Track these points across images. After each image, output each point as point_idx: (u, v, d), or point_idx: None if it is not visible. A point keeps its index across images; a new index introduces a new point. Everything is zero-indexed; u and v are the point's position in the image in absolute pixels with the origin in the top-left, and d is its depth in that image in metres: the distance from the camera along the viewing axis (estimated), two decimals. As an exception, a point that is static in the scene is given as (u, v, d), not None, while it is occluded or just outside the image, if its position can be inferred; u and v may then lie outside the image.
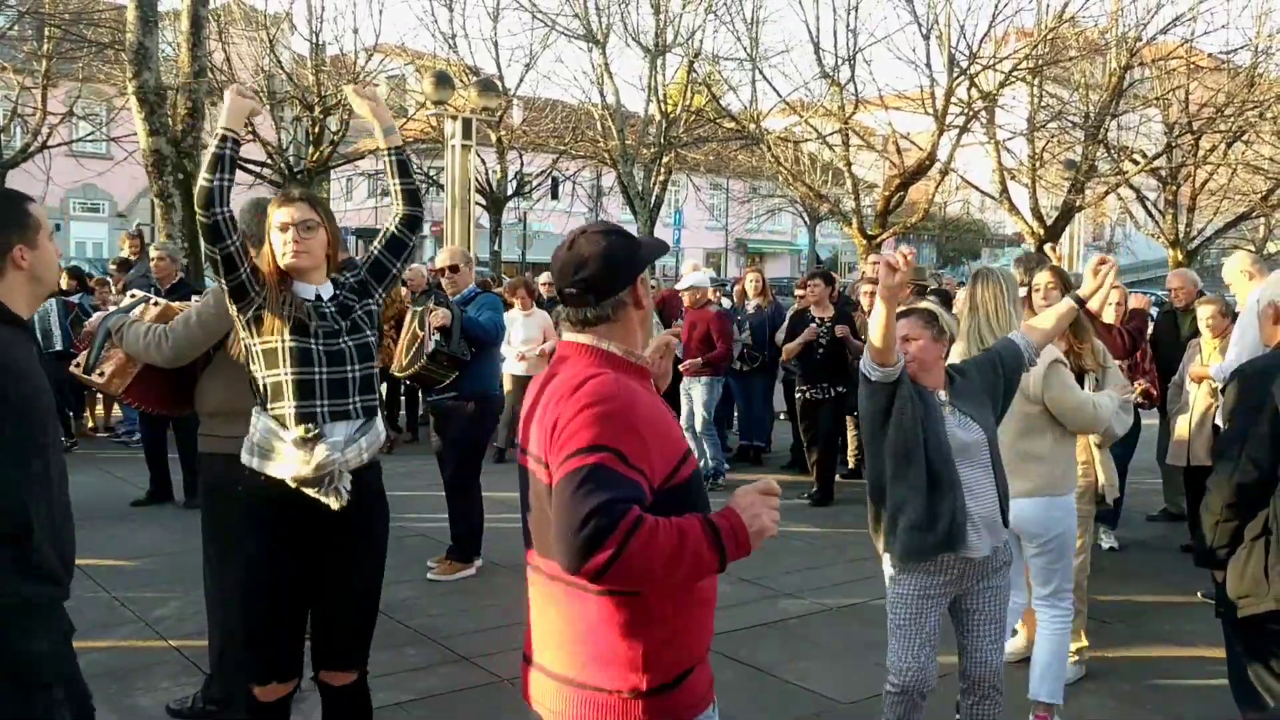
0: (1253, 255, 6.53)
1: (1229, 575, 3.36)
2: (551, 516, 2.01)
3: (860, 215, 17.61)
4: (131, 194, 28.87)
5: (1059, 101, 18.44)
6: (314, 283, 3.29)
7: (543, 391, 2.20)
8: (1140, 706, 4.61)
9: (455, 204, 12.83)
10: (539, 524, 2.18)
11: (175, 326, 4.05)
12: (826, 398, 8.60)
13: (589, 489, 1.95)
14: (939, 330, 3.58)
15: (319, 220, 3.28)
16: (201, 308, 4.09)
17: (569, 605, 2.14)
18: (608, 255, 2.17)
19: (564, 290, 2.20)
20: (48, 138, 17.73)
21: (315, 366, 3.19)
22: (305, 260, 3.24)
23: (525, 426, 2.23)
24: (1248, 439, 3.26)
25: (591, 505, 1.93)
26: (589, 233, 2.23)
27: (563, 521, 1.95)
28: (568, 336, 2.24)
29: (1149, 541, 7.53)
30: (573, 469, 1.98)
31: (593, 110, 24.09)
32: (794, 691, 4.72)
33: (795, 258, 47.60)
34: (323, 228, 3.29)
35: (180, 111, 11.78)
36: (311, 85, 17.88)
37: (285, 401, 3.17)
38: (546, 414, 2.12)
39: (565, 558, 1.95)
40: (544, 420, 2.12)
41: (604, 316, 2.19)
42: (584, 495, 1.94)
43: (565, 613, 2.16)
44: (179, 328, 4.04)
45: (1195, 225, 19.77)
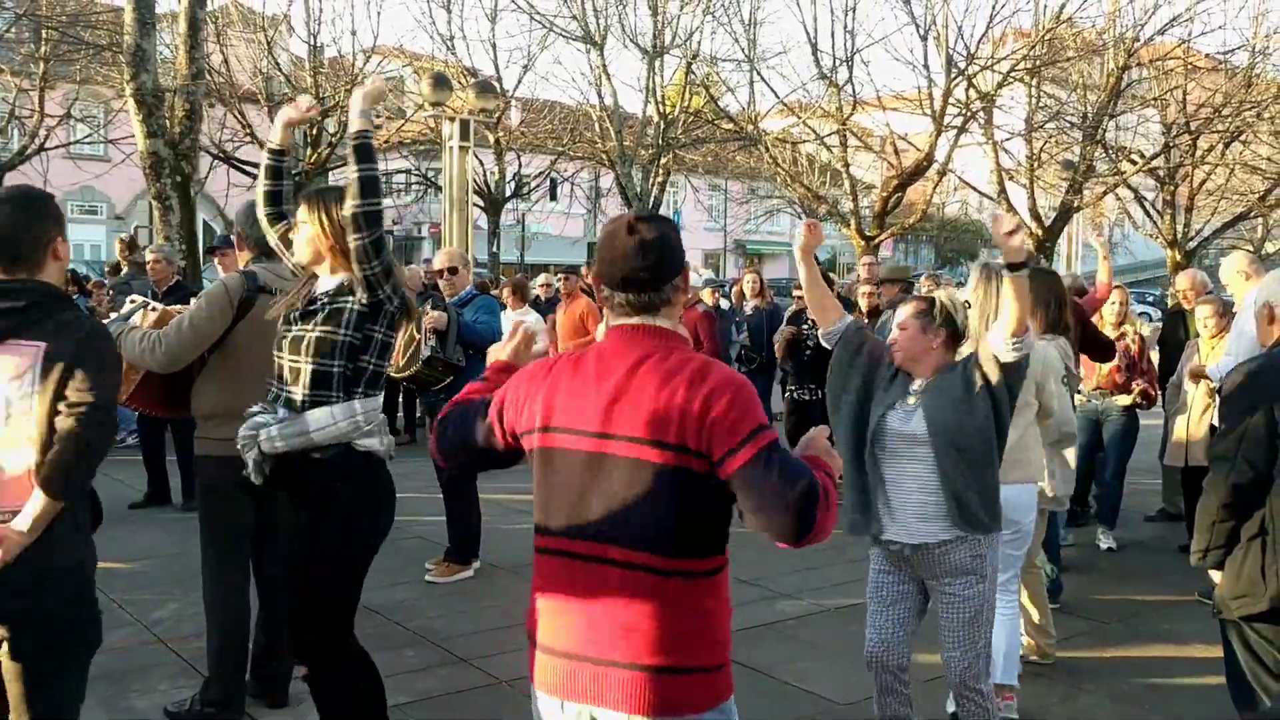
0: (1250, 255, 6.54)
1: (1225, 575, 3.37)
2: (749, 492, 2.10)
3: (858, 216, 17.62)
4: (129, 196, 28.85)
5: (1057, 102, 18.45)
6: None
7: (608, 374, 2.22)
8: (1138, 706, 4.61)
9: (453, 205, 12.84)
10: (634, 509, 2.16)
11: (168, 332, 4.05)
12: (814, 398, 8.61)
13: (784, 464, 2.11)
14: (929, 320, 3.62)
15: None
16: (194, 311, 4.10)
17: (657, 592, 2.16)
18: (667, 242, 2.26)
19: (630, 277, 2.24)
20: (45, 140, 17.71)
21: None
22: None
23: (598, 407, 2.20)
24: (1244, 439, 3.26)
25: (799, 479, 2.09)
26: (645, 221, 2.27)
27: (777, 496, 2.08)
28: (624, 321, 2.28)
29: (1147, 542, 7.54)
30: (760, 448, 2.10)
31: (591, 111, 24.10)
32: (792, 692, 4.72)
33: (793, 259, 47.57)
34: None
35: (178, 114, 11.77)
36: (310, 87, 17.88)
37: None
38: (663, 395, 2.15)
39: (785, 529, 2.09)
40: (659, 403, 2.14)
41: (666, 300, 2.27)
42: (786, 472, 2.10)
43: (651, 600, 2.16)
44: (171, 333, 4.05)
45: (1193, 225, 19.79)
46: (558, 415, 2.24)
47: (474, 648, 5.15)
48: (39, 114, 17.59)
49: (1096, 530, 7.36)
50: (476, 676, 4.82)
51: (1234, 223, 20.59)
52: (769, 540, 2.14)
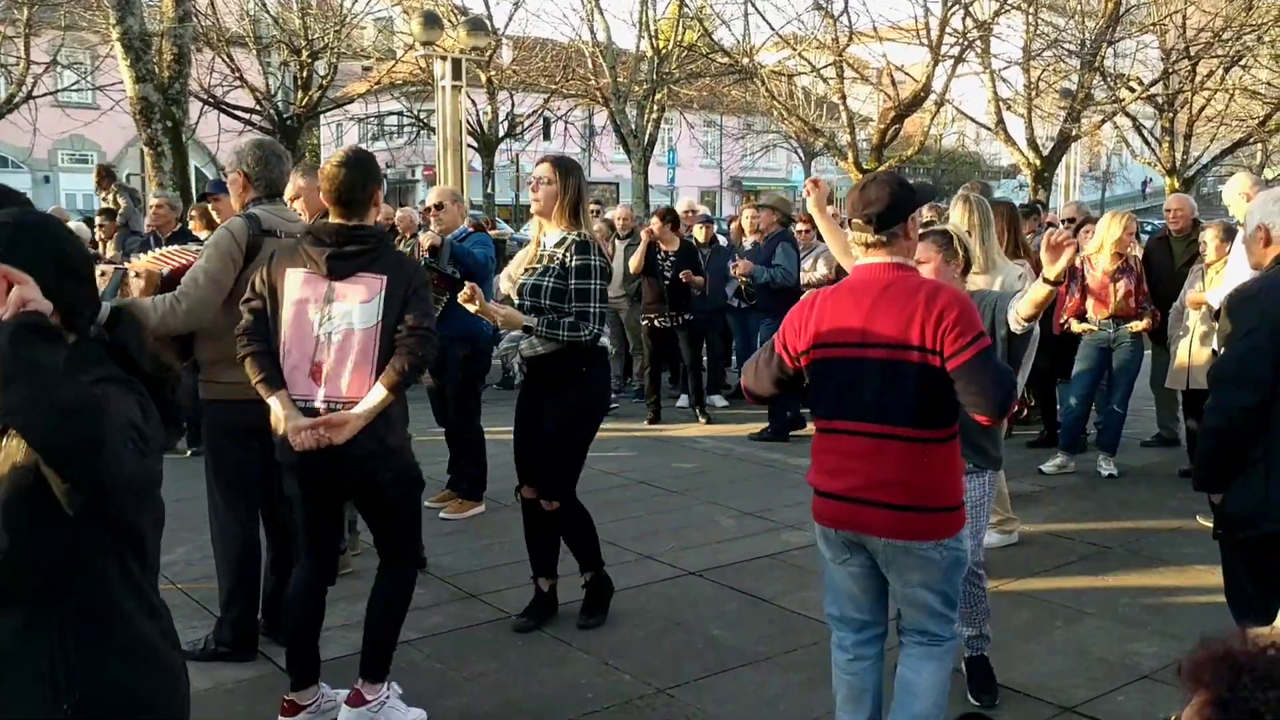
0: (1253, 177, 6.50)
1: (1228, 498, 3.39)
2: (970, 382, 2.84)
3: (855, 149, 17.48)
4: (120, 144, 28.62)
5: (1054, 29, 18.16)
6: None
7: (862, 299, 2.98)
8: (1140, 629, 4.67)
9: (447, 146, 12.72)
10: (892, 395, 2.93)
11: (185, 290, 4.01)
12: (674, 325, 9.16)
13: (995, 361, 2.92)
14: (951, 252, 3.75)
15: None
16: (206, 264, 4.05)
17: (915, 454, 2.95)
18: (896, 194, 2.99)
19: (853, 220, 3.01)
20: (33, 88, 17.49)
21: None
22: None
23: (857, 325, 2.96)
24: (1245, 362, 3.26)
25: (1005, 371, 2.94)
26: (880, 181, 3.07)
27: (992, 383, 2.84)
28: (869, 260, 3.03)
29: (1146, 467, 7.59)
30: (981, 349, 2.85)
31: (583, 48, 23.81)
32: (796, 620, 4.78)
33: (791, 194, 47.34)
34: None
35: (166, 57, 11.62)
36: (298, 29, 17.64)
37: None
38: (906, 311, 2.89)
39: (994, 407, 2.86)
40: (903, 317, 2.89)
41: (897, 237, 3.00)
42: (997, 366, 2.90)
43: (909, 460, 2.95)
44: (190, 290, 4.00)
45: (1192, 153, 19.63)
46: (826, 334, 3.02)
47: (481, 583, 5.21)
48: (25, 61, 17.35)
49: (1098, 457, 7.41)
50: (485, 611, 4.87)
51: (1233, 149, 20.39)
52: (972, 414, 2.89)
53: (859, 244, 3.05)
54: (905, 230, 3.02)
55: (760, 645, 4.50)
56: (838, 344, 3.00)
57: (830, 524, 3.11)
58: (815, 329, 3.05)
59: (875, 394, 2.95)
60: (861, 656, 3.25)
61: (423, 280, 3.60)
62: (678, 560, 5.59)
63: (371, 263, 3.51)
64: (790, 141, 33.82)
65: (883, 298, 2.95)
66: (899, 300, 2.92)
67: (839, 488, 3.05)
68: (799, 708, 3.96)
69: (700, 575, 5.37)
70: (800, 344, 3.09)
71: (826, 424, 3.10)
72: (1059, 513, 6.42)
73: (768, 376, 3.22)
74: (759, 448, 8.29)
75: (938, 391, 2.90)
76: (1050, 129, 18.61)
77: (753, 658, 4.38)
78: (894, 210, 2.97)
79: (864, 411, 2.98)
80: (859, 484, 3.00)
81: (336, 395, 3.50)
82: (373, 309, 3.47)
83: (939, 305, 2.86)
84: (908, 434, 2.93)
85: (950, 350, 2.83)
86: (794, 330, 3.12)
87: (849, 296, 3.03)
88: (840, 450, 3.06)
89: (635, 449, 8.16)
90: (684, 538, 5.98)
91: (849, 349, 2.98)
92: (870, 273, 3.03)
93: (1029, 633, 4.60)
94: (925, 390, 2.91)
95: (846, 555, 3.14)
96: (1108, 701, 3.97)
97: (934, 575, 3.05)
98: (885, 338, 2.91)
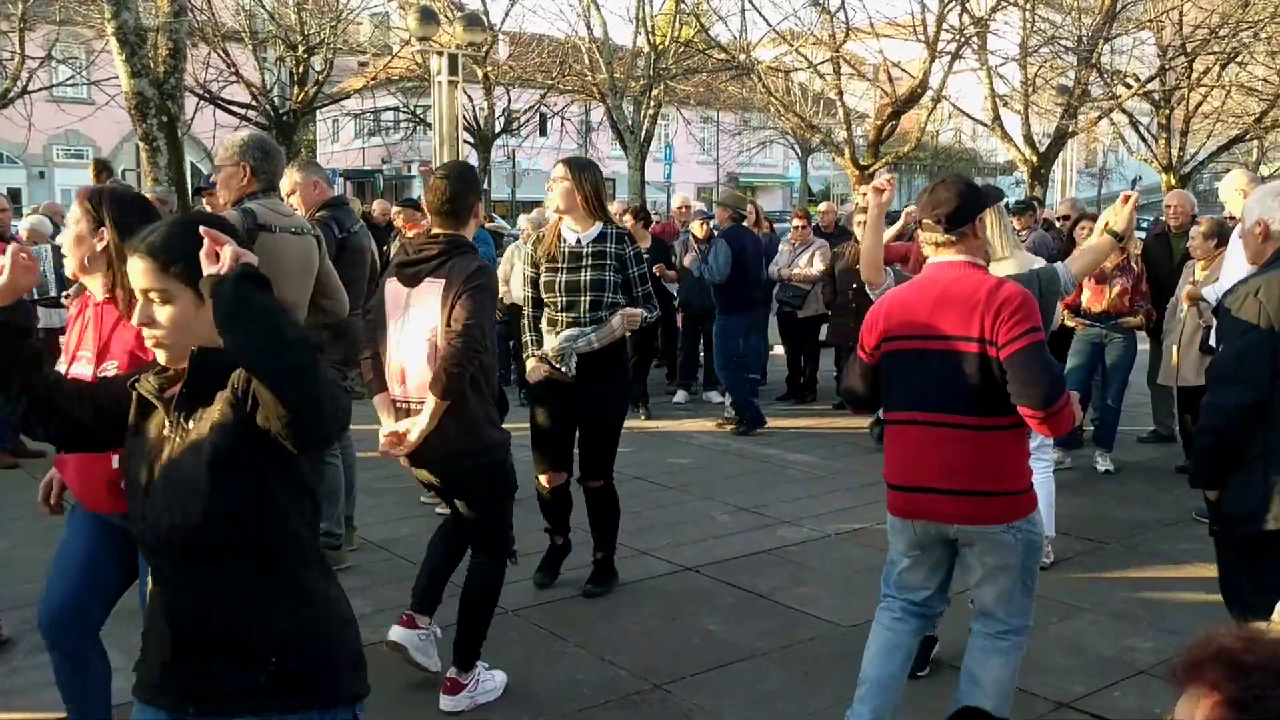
0: (1249, 173, 6.49)
1: (1225, 496, 3.38)
2: (1020, 370, 2.99)
3: (852, 145, 17.46)
4: (115, 139, 28.52)
5: (1051, 25, 18.16)
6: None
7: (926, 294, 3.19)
8: (1136, 624, 4.68)
9: (443, 142, 12.69)
10: (954, 386, 3.10)
11: None
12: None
13: (1047, 355, 3.05)
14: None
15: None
16: None
17: (979, 442, 3.10)
18: (963, 196, 3.19)
19: (924, 221, 3.22)
20: (28, 83, 17.44)
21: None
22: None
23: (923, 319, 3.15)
24: (1243, 359, 3.26)
25: (1054, 366, 3.09)
26: (949, 183, 3.27)
27: (1041, 375, 2.99)
28: (937, 259, 3.23)
29: (1142, 463, 7.60)
30: (1032, 342, 3.01)
31: (580, 44, 23.77)
32: (794, 616, 4.78)
33: (787, 190, 47.30)
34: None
35: (162, 52, 11.56)
36: (294, 24, 17.61)
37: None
38: (969, 305, 3.07)
39: (1043, 399, 2.98)
40: (967, 309, 3.07)
41: (965, 236, 3.19)
42: (1046, 360, 3.04)
43: (973, 448, 3.10)
44: None
45: (1188, 149, 19.64)
46: (895, 328, 3.21)
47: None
48: (20, 56, 17.30)
49: (1094, 453, 7.41)
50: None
51: (1229, 146, 20.40)
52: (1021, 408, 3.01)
53: (929, 244, 3.24)
54: (974, 230, 3.21)
55: (757, 641, 4.50)
56: (904, 337, 3.19)
57: (903, 515, 3.27)
58: (884, 325, 3.24)
59: (939, 385, 3.12)
60: (906, 619, 3.37)
61: (474, 283, 3.67)
62: (674, 556, 5.58)
63: (436, 269, 3.73)
64: (787, 138, 33.79)
65: (948, 293, 3.14)
66: (963, 295, 3.11)
67: (908, 479, 3.22)
68: (796, 703, 3.96)
69: (696, 571, 5.37)
70: (871, 339, 3.28)
71: (895, 415, 3.28)
72: (1055, 508, 6.41)
73: (856, 374, 3.40)
74: (754, 443, 8.29)
75: (999, 382, 3.06)
76: (1047, 125, 18.60)
77: (749, 653, 4.38)
78: (963, 211, 3.17)
79: (929, 402, 3.14)
80: (928, 473, 3.16)
81: (411, 396, 3.77)
82: (435, 313, 3.70)
83: (1000, 298, 3.05)
84: (972, 422, 3.09)
85: (1004, 339, 3.01)
86: (867, 327, 3.32)
87: (917, 293, 3.23)
88: (909, 440, 3.22)
89: (630, 444, 8.14)
90: (680, 533, 5.98)
91: (915, 342, 3.17)
92: (939, 270, 3.22)
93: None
94: (986, 380, 3.07)
95: (917, 551, 3.29)
96: (1104, 697, 3.98)
97: (1009, 558, 3.19)
98: (948, 331, 3.10)
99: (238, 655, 1.97)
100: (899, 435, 3.26)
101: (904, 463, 3.24)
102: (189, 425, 1.98)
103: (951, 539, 3.22)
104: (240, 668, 1.97)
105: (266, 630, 1.98)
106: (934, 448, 3.14)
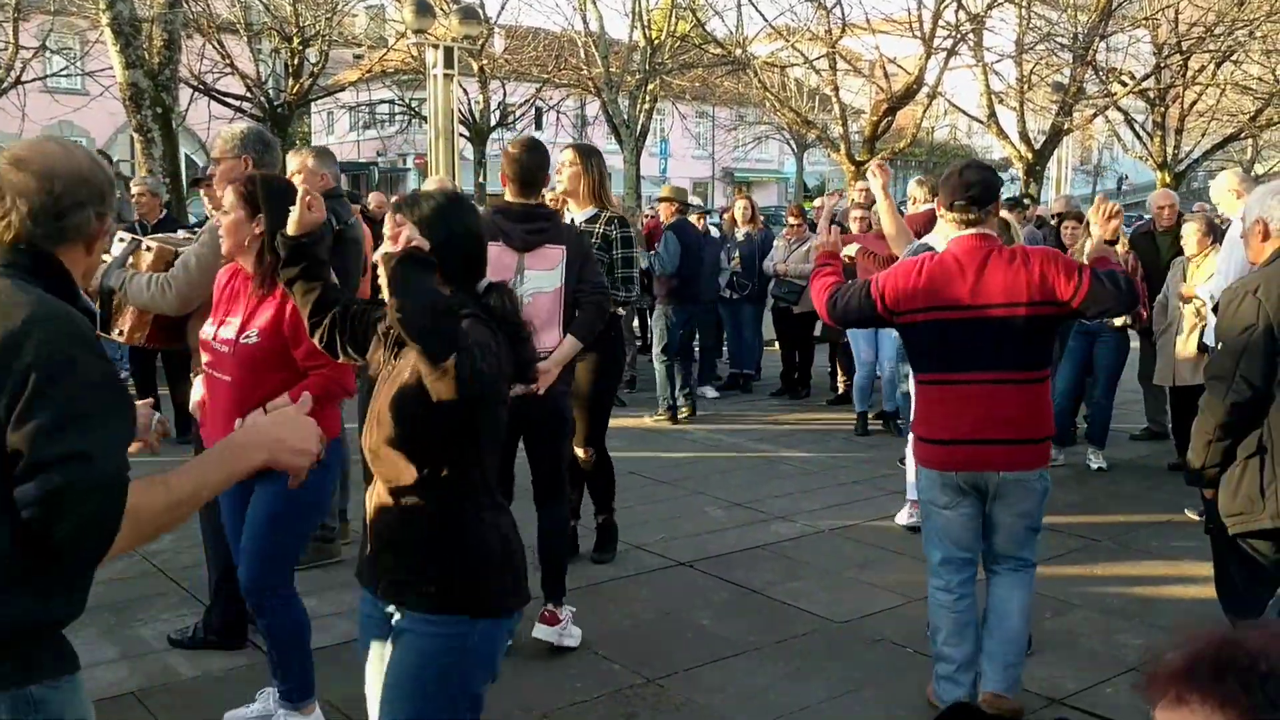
0: (1240, 174, 6.49)
1: (1221, 493, 3.39)
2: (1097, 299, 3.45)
3: (848, 141, 17.45)
4: (109, 130, 28.42)
5: (1047, 23, 18.16)
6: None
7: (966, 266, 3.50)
8: (1129, 620, 4.69)
9: (439, 135, 12.66)
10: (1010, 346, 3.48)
11: (175, 274, 4.04)
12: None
13: (1098, 272, 3.47)
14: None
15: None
16: (199, 251, 4.05)
17: (1024, 394, 3.53)
18: (990, 180, 3.60)
19: (956, 202, 3.54)
20: (21, 73, 17.36)
21: None
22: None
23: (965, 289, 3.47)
24: (1241, 357, 3.26)
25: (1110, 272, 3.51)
26: (973, 166, 3.68)
27: (1111, 287, 3.44)
28: (966, 232, 3.55)
29: (1135, 461, 7.62)
30: (1089, 274, 3.44)
31: (575, 37, 23.71)
32: (787, 611, 4.79)
33: (782, 186, 47.26)
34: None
35: (156, 43, 11.54)
36: (289, 16, 17.54)
37: None
38: (1009, 275, 3.46)
39: (1122, 303, 3.55)
40: (1008, 279, 3.45)
41: (989, 214, 3.59)
42: (1103, 275, 3.46)
43: (1021, 399, 3.52)
44: (179, 274, 4.03)
45: (1183, 147, 19.66)
46: (941, 300, 3.50)
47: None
48: (13, 46, 17.21)
49: (1086, 450, 7.43)
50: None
51: (1224, 144, 20.44)
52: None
53: (959, 222, 3.56)
54: (995, 208, 3.66)
55: (750, 635, 4.51)
56: (953, 307, 3.50)
57: (952, 467, 3.59)
58: (927, 297, 3.52)
59: (992, 346, 3.48)
60: (965, 595, 3.71)
61: (591, 248, 4.46)
62: (667, 550, 5.59)
63: (552, 237, 4.21)
64: (782, 133, 33.72)
65: (986, 266, 3.49)
66: (1000, 267, 3.48)
67: (959, 432, 3.55)
68: (788, 697, 3.97)
69: (690, 566, 5.38)
70: (904, 305, 3.56)
71: (942, 377, 3.60)
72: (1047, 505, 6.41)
73: (855, 308, 3.70)
74: (748, 438, 8.30)
75: (1041, 338, 3.55)
76: (1042, 122, 18.62)
77: (742, 648, 4.38)
78: (989, 191, 3.57)
79: (982, 362, 3.49)
80: (980, 425, 3.51)
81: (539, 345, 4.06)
82: (555, 275, 4.18)
83: (1036, 265, 3.46)
84: (1021, 377, 3.51)
85: (1069, 292, 3.43)
86: (897, 290, 3.58)
87: (954, 266, 3.52)
88: (958, 398, 3.55)
89: (624, 439, 8.15)
90: (673, 528, 5.98)
91: (963, 310, 3.48)
92: (969, 243, 3.54)
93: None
94: (1033, 338, 3.51)
95: (960, 499, 3.64)
96: (1096, 693, 3.99)
97: (1034, 503, 3.65)
98: (996, 299, 3.46)
99: (413, 562, 2.39)
100: (950, 394, 3.57)
101: (956, 418, 3.55)
102: (396, 361, 2.43)
103: (986, 488, 3.59)
104: (414, 573, 2.38)
105: (429, 543, 2.38)
106: (986, 402, 3.50)
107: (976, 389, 3.51)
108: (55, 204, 1.88)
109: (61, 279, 1.90)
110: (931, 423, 3.64)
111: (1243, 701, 0.98)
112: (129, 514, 1.72)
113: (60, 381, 1.70)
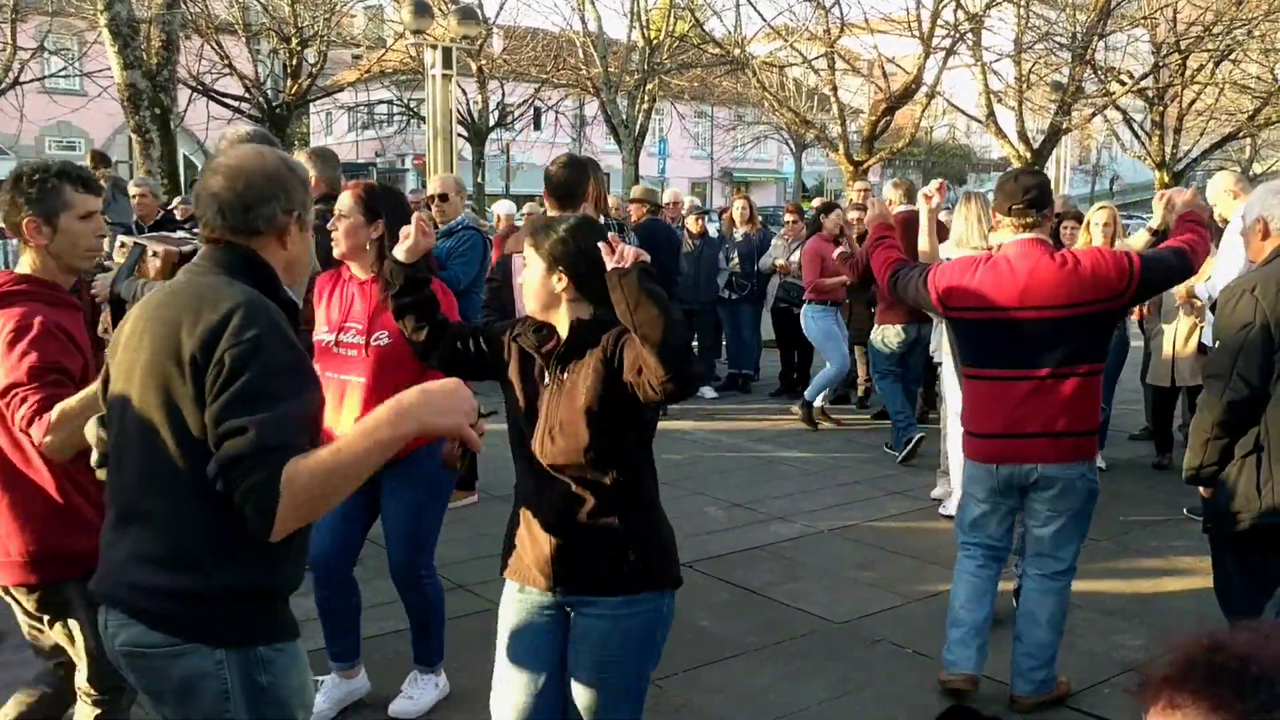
0: (1236, 174, 6.50)
1: (1219, 491, 3.39)
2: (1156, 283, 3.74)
3: (846, 141, 17.45)
4: (108, 131, 28.42)
5: (1046, 22, 18.17)
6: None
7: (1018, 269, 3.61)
8: (1127, 620, 4.69)
9: (437, 135, 12.64)
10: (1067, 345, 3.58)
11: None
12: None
13: (1159, 255, 3.74)
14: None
15: None
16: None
17: (1081, 387, 3.61)
18: (1045, 184, 3.73)
19: (1015, 206, 3.66)
20: (19, 74, 17.36)
21: None
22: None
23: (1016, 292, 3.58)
24: (1239, 356, 3.27)
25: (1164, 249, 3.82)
26: (1026, 172, 3.95)
27: (1165, 265, 3.66)
28: (1020, 237, 3.67)
29: (1134, 460, 7.61)
30: (1139, 261, 3.60)
31: (574, 38, 23.72)
32: (787, 612, 4.79)
33: (781, 186, 47.29)
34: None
35: (154, 44, 11.55)
36: (288, 17, 17.54)
37: None
38: (1062, 276, 3.56)
39: (1180, 273, 3.75)
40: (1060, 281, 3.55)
41: (1044, 219, 3.70)
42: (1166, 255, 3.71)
43: (1075, 393, 3.60)
44: None
45: (1181, 147, 19.67)
46: (997, 302, 3.60)
47: (470, 574, 5.20)
48: (12, 46, 17.21)
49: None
50: (473, 603, 4.86)
51: (1223, 143, 20.47)
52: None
53: (1017, 226, 3.68)
54: (1050, 212, 3.78)
55: (749, 636, 4.51)
56: (1009, 308, 3.60)
57: (995, 460, 3.72)
58: (982, 298, 3.64)
59: (1048, 344, 3.59)
60: (988, 566, 3.87)
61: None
62: (667, 551, 5.58)
63: None
64: (781, 133, 33.76)
65: (1039, 268, 3.59)
66: (1053, 270, 3.58)
67: (1007, 427, 3.67)
68: (788, 698, 3.97)
69: (689, 566, 5.37)
70: (956, 302, 3.71)
71: (992, 372, 3.70)
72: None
73: (913, 296, 3.88)
74: (747, 439, 8.29)
75: (1095, 334, 3.65)
76: (1041, 122, 18.62)
77: (742, 648, 4.38)
78: (1046, 195, 3.70)
79: (1036, 359, 3.60)
80: (1026, 420, 3.62)
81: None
82: None
83: (1087, 267, 3.58)
84: (1083, 370, 3.61)
85: (1121, 285, 3.56)
86: (950, 284, 3.72)
87: (1009, 269, 3.63)
88: (1005, 395, 3.66)
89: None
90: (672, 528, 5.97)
91: (1024, 312, 3.58)
92: (1024, 248, 3.64)
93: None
94: (1090, 335, 3.63)
95: (997, 496, 3.77)
96: (1094, 694, 3.99)
97: (1073, 501, 3.72)
98: (1051, 300, 3.56)
99: (605, 551, 2.59)
100: (997, 390, 3.68)
101: (1003, 413, 3.66)
102: (563, 376, 2.55)
103: (1030, 483, 3.69)
104: (607, 560, 2.59)
105: (626, 533, 2.58)
106: (1035, 397, 3.60)
107: (1026, 385, 3.62)
108: (239, 199, 2.10)
109: (261, 273, 2.12)
110: (983, 416, 3.76)
111: (1235, 705, 0.98)
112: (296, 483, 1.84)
113: (248, 365, 1.91)
